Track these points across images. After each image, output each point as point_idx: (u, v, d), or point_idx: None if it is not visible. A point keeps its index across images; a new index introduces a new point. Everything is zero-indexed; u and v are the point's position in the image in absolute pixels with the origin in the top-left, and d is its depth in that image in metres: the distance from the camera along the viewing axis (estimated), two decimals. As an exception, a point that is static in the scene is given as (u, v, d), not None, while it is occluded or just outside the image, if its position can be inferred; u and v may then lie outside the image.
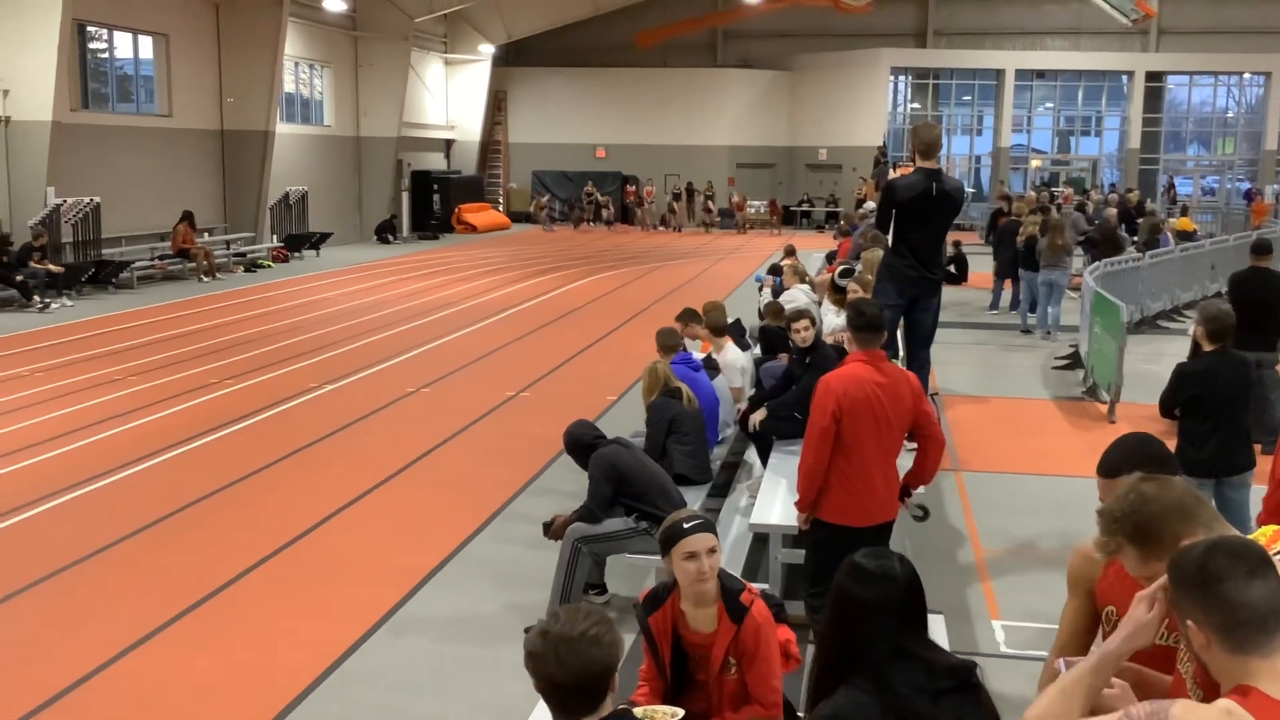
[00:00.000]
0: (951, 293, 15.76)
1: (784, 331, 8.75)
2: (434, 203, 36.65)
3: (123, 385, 12.77)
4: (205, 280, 23.10)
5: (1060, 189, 35.23)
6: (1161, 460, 3.32)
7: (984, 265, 20.36)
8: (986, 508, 8.66)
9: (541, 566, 6.72)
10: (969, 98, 43.32)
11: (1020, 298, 17.87)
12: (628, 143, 41.68)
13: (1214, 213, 36.64)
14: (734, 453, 9.02)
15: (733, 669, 3.97)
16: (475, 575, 7.23)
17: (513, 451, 10.16)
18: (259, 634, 6.32)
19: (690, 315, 9.42)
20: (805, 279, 13.24)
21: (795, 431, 6.67)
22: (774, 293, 13.12)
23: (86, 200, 21.75)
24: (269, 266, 26.33)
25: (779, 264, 14.71)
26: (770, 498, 6.74)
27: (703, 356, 8.85)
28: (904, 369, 6.30)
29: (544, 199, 40.30)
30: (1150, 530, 2.70)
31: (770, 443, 7.78)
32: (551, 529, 6.47)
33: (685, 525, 3.96)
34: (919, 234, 8.35)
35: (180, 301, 20.15)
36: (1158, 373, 12.01)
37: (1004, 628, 6.44)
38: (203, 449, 10.24)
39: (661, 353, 8.09)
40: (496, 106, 42.33)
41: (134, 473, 9.44)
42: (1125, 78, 41.77)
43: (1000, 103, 41.65)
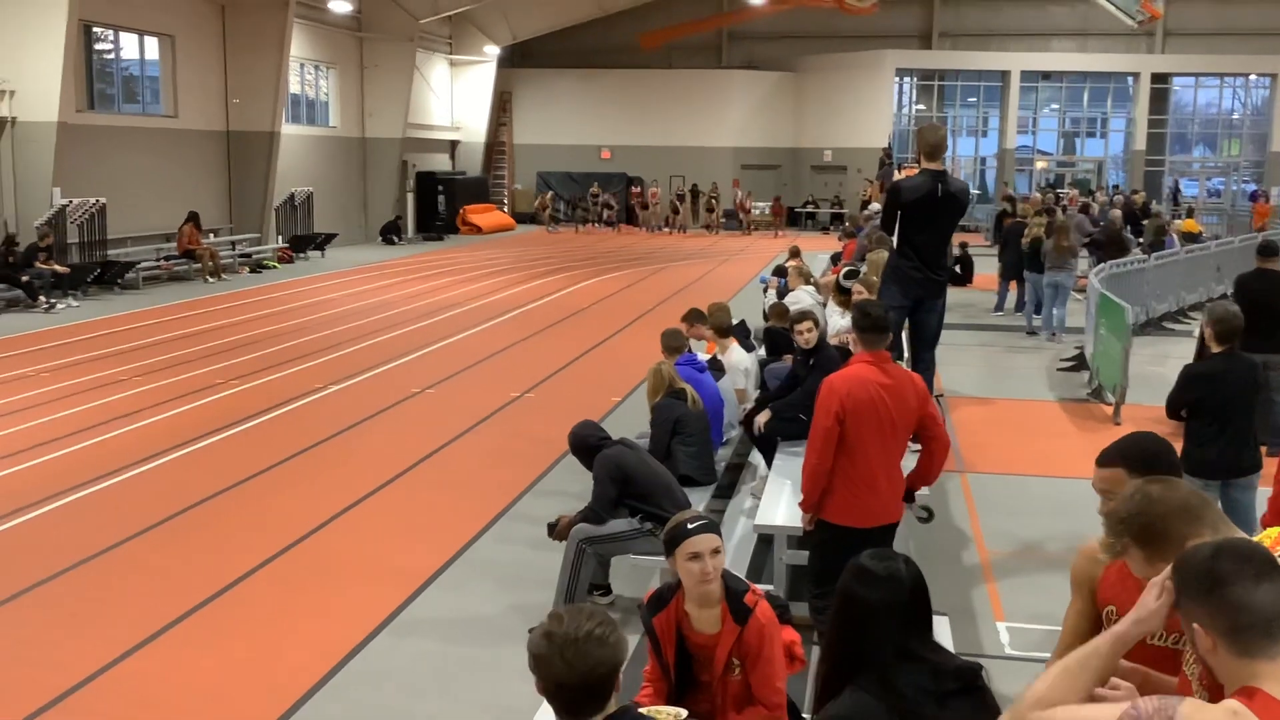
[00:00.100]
0: (956, 294, 15.75)
1: (789, 333, 8.74)
2: (439, 204, 36.66)
3: (128, 386, 12.79)
4: (210, 281, 23.13)
5: (1065, 190, 35.12)
6: (1160, 454, 3.31)
7: (989, 267, 20.33)
8: (991, 509, 8.65)
9: (546, 568, 6.72)
10: (974, 99, 43.28)
11: (1025, 299, 17.87)
12: (632, 144, 41.68)
13: (1220, 214, 36.57)
14: (738, 454, 9.02)
15: (736, 670, 3.96)
16: (479, 576, 7.23)
17: (517, 452, 10.16)
18: (263, 634, 6.32)
19: (695, 316, 9.42)
20: (810, 280, 13.22)
21: (800, 433, 6.65)
22: (779, 294, 13.10)
23: (92, 201, 21.79)
24: (274, 267, 26.37)
25: (784, 265, 14.70)
26: (774, 499, 6.73)
27: (708, 358, 8.84)
28: (909, 370, 6.28)
29: (547, 197, 40.29)
30: (1156, 531, 2.70)
31: (774, 445, 7.77)
32: (556, 530, 6.47)
33: (689, 526, 3.95)
34: (924, 235, 8.33)
35: (185, 302, 20.18)
36: (1163, 374, 11.99)
37: (1009, 629, 6.44)
38: (207, 450, 10.25)
39: (666, 354, 8.08)
40: (501, 107, 42.36)
41: (139, 473, 9.46)
42: (1131, 79, 41.69)
43: (1005, 104, 41.58)
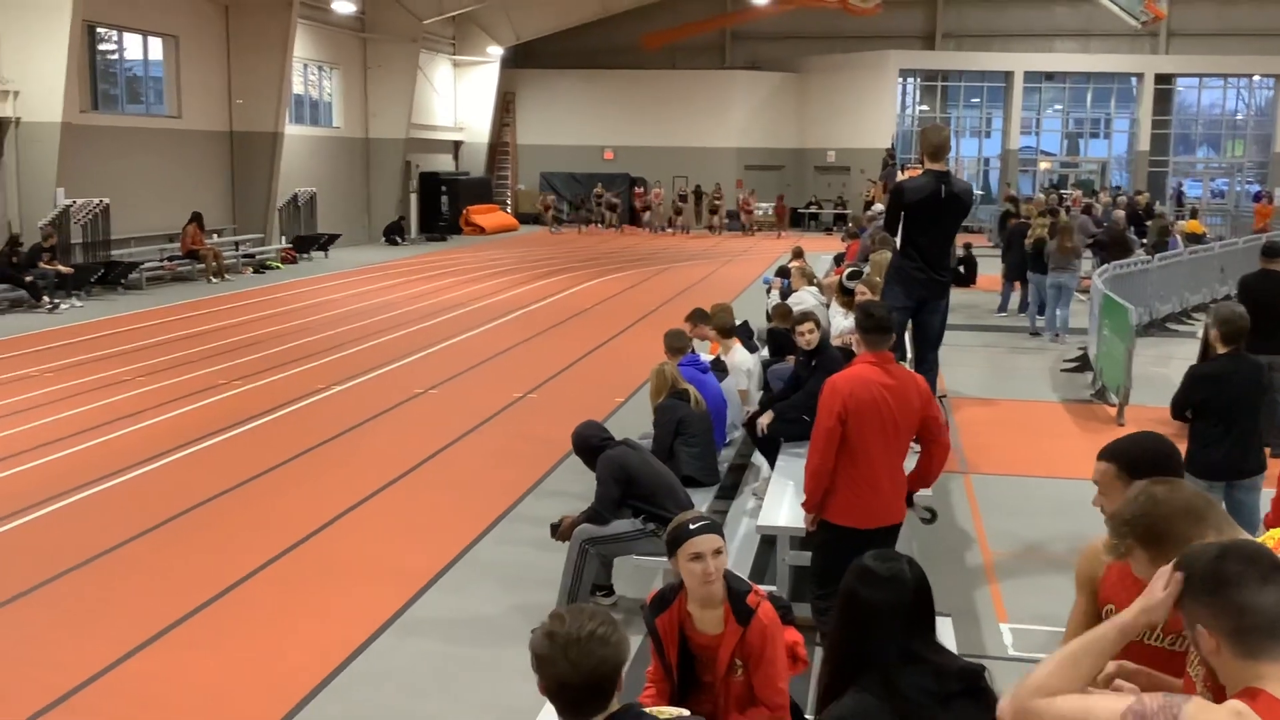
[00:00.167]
0: (960, 295, 15.73)
1: (792, 334, 8.74)
2: (442, 204, 36.69)
3: (131, 386, 12.80)
4: (214, 281, 23.14)
5: (1069, 191, 35.11)
6: (1152, 458, 3.29)
7: (993, 267, 20.33)
8: (994, 510, 8.64)
9: (548, 568, 6.72)
10: (977, 100, 43.27)
11: (1029, 300, 17.85)
12: (636, 144, 41.69)
13: (1223, 215, 36.53)
14: (741, 454, 9.01)
15: (739, 671, 3.95)
16: (482, 577, 7.22)
17: (520, 453, 10.16)
18: (265, 635, 6.32)
19: (699, 317, 9.42)
20: (813, 281, 13.21)
21: (802, 434, 6.65)
22: (782, 295, 13.09)
23: (96, 201, 21.82)
24: (278, 268, 26.38)
25: (787, 266, 14.69)
26: (777, 499, 6.72)
27: (711, 358, 8.84)
28: (912, 371, 6.27)
29: (549, 198, 40.30)
30: (1160, 533, 2.70)
31: (777, 446, 7.76)
32: (559, 530, 6.46)
33: (691, 526, 3.95)
34: (927, 236, 8.32)
35: (189, 303, 20.19)
36: (1166, 375, 11.99)
37: (1012, 630, 6.42)
38: (211, 450, 10.26)
39: (669, 354, 8.08)
40: (505, 108, 42.39)
41: (142, 473, 9.46)
42: (1134, 80, 41.66)
43: (1009, 105, 41.57)
